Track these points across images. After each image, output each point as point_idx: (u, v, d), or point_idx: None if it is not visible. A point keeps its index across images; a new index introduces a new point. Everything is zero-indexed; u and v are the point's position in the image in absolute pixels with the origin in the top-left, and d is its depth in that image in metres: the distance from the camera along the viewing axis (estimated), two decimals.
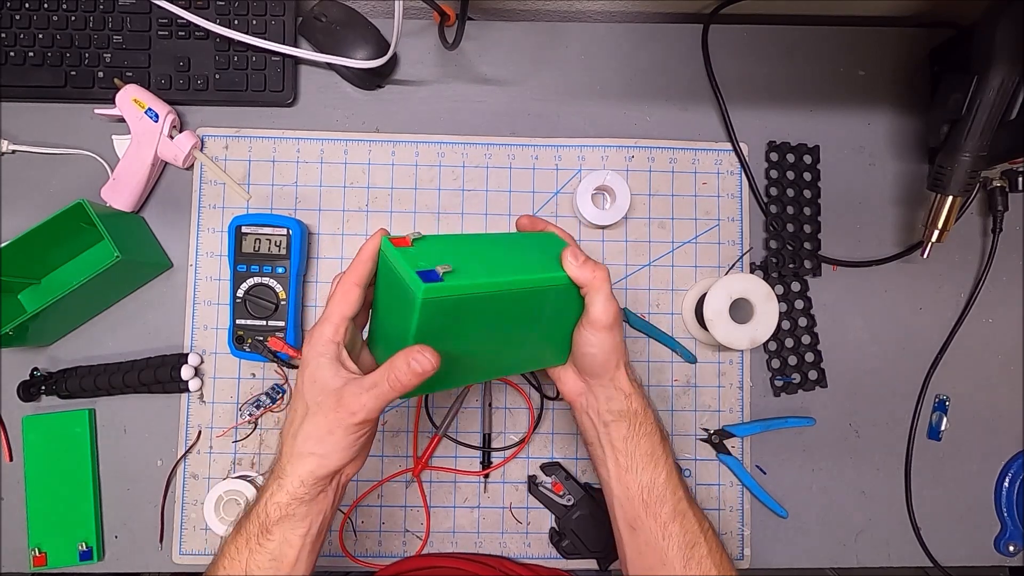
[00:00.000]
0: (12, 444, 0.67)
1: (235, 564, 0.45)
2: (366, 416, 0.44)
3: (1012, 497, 0.71)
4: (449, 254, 0.46)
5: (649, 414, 0.54)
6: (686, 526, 0.51)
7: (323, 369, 0.45)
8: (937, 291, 0.73)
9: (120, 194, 0.67)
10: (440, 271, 0.43)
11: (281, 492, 0.45)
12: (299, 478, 0.45)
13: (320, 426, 0.44)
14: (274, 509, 0.45)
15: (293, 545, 0.45)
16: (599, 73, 0.73)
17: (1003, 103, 0.61)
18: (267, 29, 0.69)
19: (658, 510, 0.52)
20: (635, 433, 0.53)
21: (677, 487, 0.53)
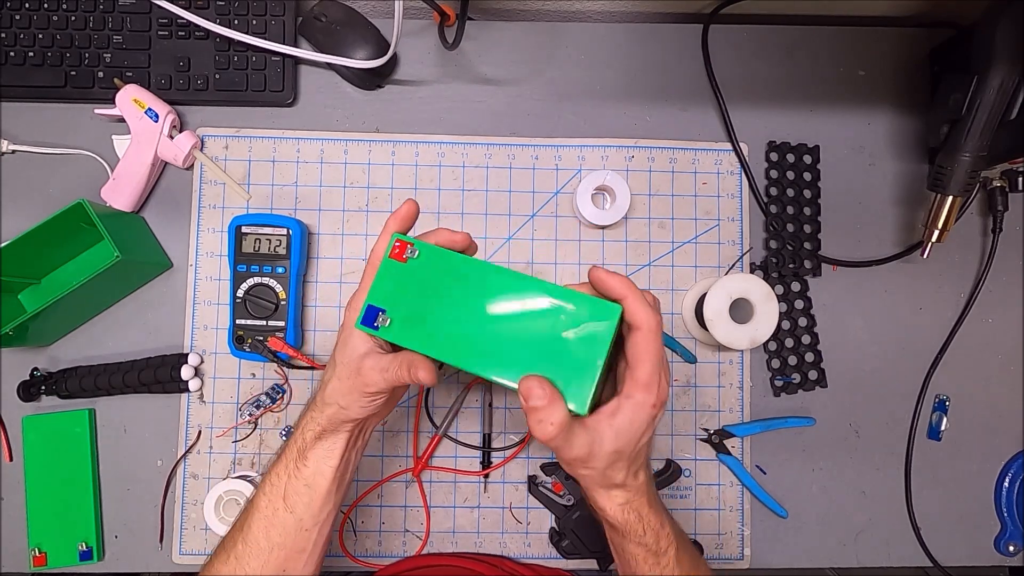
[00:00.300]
0: (12, 444, 0.67)
1: (275, 489, 0.49)
2: (377, 389, 0.47)
3: (1012, 497, 0.71)
4: (427, 291, 0.45)
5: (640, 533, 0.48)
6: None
7: (355, 336, 0.48)
8: (937, 291, 0.73)
9: (120, 194, 0.67)
10: (378, 324, 0.45)
11: (314, 424, 0.49)
12: (327, 416, 0.49)
13: (341, 387, 0.48)
14: (311, 433, 0.49)
15: (326, 476, 0.49)
16: (599, 73, 0.73)
17: (1003, 103, 0.61)
18: (267, 29, 0.69)
19: None
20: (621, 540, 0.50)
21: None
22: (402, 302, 0.45)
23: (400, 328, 0.45)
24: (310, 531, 0.50)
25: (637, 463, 0.46)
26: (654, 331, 0.42)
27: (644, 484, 0.47)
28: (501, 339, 0.43)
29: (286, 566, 0.49)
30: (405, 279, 0.46)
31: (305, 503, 0.49)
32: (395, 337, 0.45)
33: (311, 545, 0.50)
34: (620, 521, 0.47)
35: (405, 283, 0.46)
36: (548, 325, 0.43)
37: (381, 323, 0.45)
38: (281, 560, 0.49)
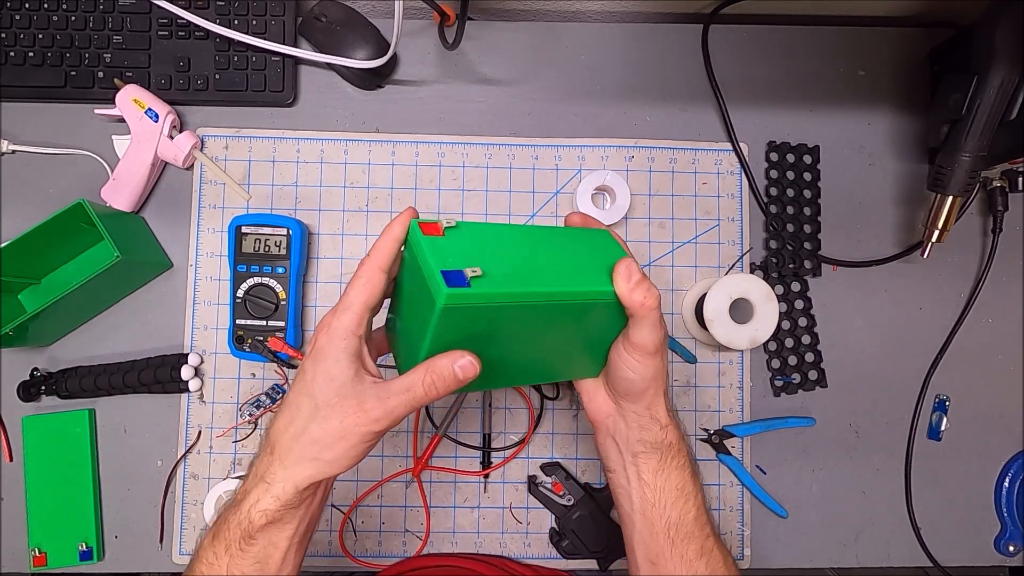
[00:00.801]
0: (12, 444, 0.67)
1: (214, 567, 0.42)
2: (390, 424, 0.40)
3: (1012, 497, 0.71)
4: (483, 250, 0.42)
5: (683, 447, 0.50)
6: (712, 564, 0.48)
7: (342, 366, 0.40)
8: (937, 291, 0.73)
9: (120, 194, 0.67)
10: (468, 275, 0.38)
11: (268, 498, 0.41)
12: (294, 484, 0.41)
13: (331, 431, 0.40)
14: (259, 516, 0.41)
15: (279, 547, 0.42)
16: (599, 73, 0.73)
17: (1003, 103, 0.61)
18: (267, 29, 0.69)
19: (684, 548, 0.48)
20: (666, 467, 0.49)
21: (705, 524, 0.49)
22: (468, 259, 0.40)
23: (495, 279, 0.39)
24: None
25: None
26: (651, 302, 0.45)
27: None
28: (567, 266, 0.45)
29: None
30: (454, 244, 0.41)
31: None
32: (498, 285, 0.39)
33: None
34: (674, 436, 0.49)
35: (456, 247, 0.41)
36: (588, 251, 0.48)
37: (474, 275, 0.38)
38: None
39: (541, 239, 0.47)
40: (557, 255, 0.46)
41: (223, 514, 0.43)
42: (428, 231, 0.41)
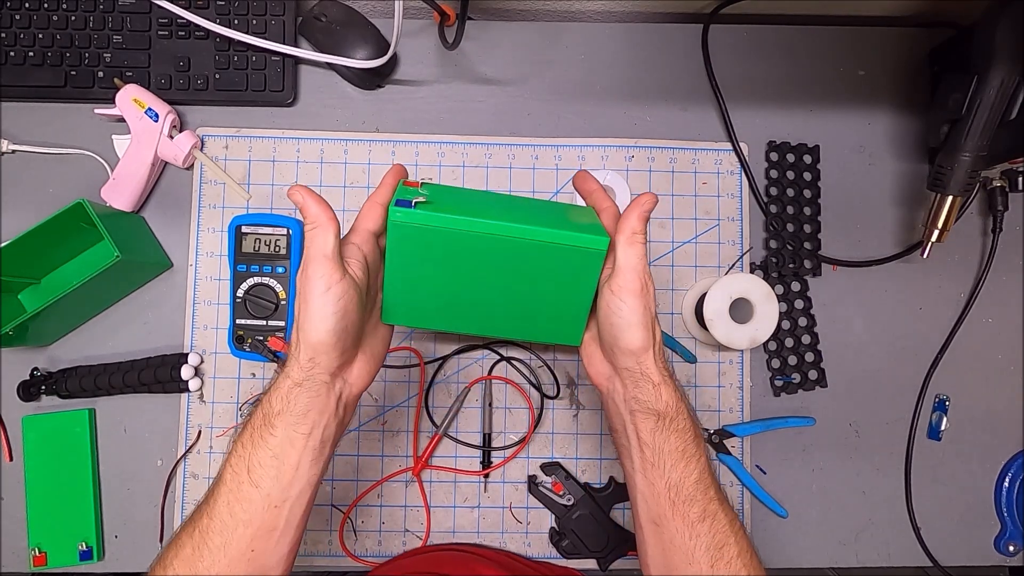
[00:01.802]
0: (12, 444, 0.67)
1: (240, 460, 0.45)
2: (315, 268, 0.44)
3: (1012, 497, 0.71)
4: (456, 201, 0.47)
5: (682, 408, 0.49)
6: (716, 527, 0.48)
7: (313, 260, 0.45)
8: (937, 291, 0.73)
9: (120, 194, 0.67)
10: (414, 201, 0.44)
11: (283, 379, 0.45)
12: (300, 360, 0.45)
13: (304, 301, 0.44)
14: (277, 399, 0.45)
15: (295, 445, 0.45)
16: (599, 73, 0.73)
17: (1003, 103, 0.61)
18: (267, 29, 0.69)
19: (687, 510, 0.48)
20: (665, 428, 0.49)
21: (709, 487, 0.49)
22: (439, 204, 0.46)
23: (437, 206, 0.45)
24: (279, 508, 0.45)
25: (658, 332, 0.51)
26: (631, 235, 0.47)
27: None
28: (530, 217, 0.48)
29: (254, 545, 0.44)
30: (427, 193, 0.47)
31: (272, 476, 0.44)
32: (442, 213, 0.45)
33: (283, 524, 0.45)
34: (668, 395, 0.49)
35: (429, 195, 0.46)
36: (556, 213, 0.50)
37: (419, 202, 0.45)
38: (247, 538, 0.44)
39: (519, 203, 0.51)
40: (526, 212, 0.50)
41: (247, 414, 0.47)
42: (408, 184, 0.48)
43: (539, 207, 0.52)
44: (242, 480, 0.44)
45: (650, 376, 0.49)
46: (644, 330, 0.48)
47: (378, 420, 0.69)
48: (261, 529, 0.44)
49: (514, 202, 0.52)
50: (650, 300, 0.49)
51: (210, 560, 0.43)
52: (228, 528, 0.44)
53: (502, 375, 0.70)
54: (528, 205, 0.52)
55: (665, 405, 0.49)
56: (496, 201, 0.50)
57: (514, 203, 0.51)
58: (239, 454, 0.45)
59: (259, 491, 0.44)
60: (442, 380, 0.70)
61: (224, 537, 0.44)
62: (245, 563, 0.44)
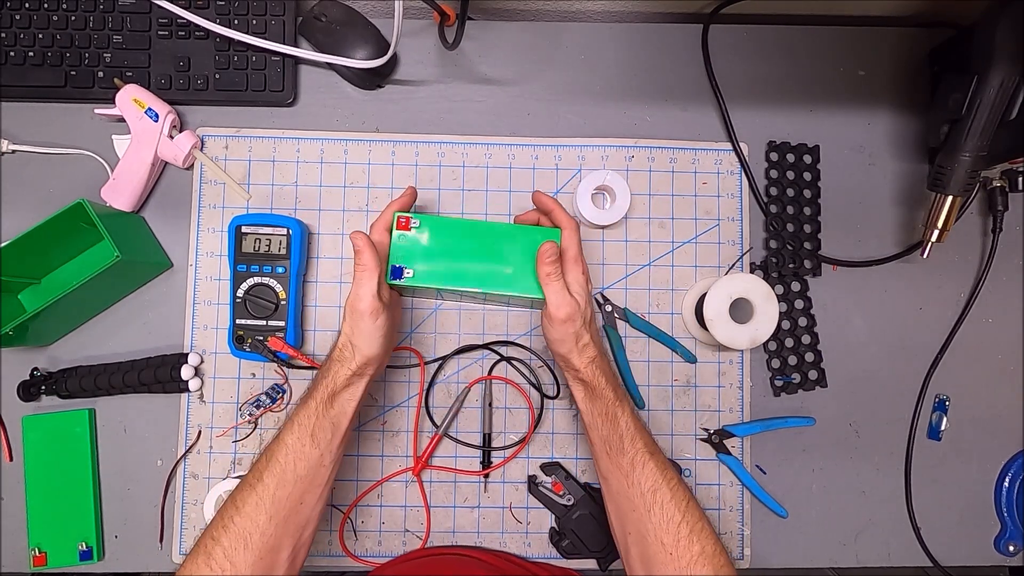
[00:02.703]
0: (12, 444, 0.67)
1: (303, 427, 0.54)
2: (366, 305, 0.55)
3: (1012, 497, 0.71)
4: (442, 244, 0.61)
5: (601, 381, 0.58)
6: (646, 473, 0.55)
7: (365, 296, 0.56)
8: (937, 291, 0.73)
9: (120, 194, 0.67)
10: (405, 275, 0.60)
11: (345, 368, 0.56)
12: (355, 362, 0.56)
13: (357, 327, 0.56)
14: (342, 379, 0.56)
15: (347, 415, 0.56)
16: (599, 73, 0.73)
17: (1003, 103, 0.61)
18: (267, 29, 0.69)
19: (619, 460, 0.57)
20: (590, 395, 0.58)
21: (635, 439, 0.57)
22: (416, 258, 0.61)
23: (420, 276, 0.61)
24: (327, 467, 0.55)
25: (593, 327, 0.60)
26: (574, 229, 0.59)
27: (603, 351, 0.60)
28: (493, 264, 0.61)
29: (304, 498, 0.54)
30: (412, 241, 0.61)
31: (328, 439, 0.55)
32: (418, 281, 0.61)
33: (325, 480, 0.55)
34: (589, 376, 0.58)
35: (414, 244, 0.61)
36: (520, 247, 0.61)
37: (406, 276, 0.60)
38: (301, 491, 0.54)
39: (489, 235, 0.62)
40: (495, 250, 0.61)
41: (306, 393, 0.57)
42: (400, 227, 0.61)
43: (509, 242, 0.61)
44: (305, 443, 0.54)
45: (573, 366, 0.58)
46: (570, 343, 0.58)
47: (378, 420, 0.69)
48: (312, 484, 0.54)
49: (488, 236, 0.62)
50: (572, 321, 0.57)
51: (273, 509, 0.52)
52: (289, 483, 0.53)
53: (502, 375, 0.70)
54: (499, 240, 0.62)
55: (586, 382, 0.58)
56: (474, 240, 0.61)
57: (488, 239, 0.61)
58: (302, 422, 0.55)
59: (317, 450, 0.54)
60: (442, 380, 0.70)
61: (286, 490, 0.53)
62: (295, 513, 0.53)
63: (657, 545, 0.53)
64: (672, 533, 0.53)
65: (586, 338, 0.58)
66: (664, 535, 0.53)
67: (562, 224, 0.60)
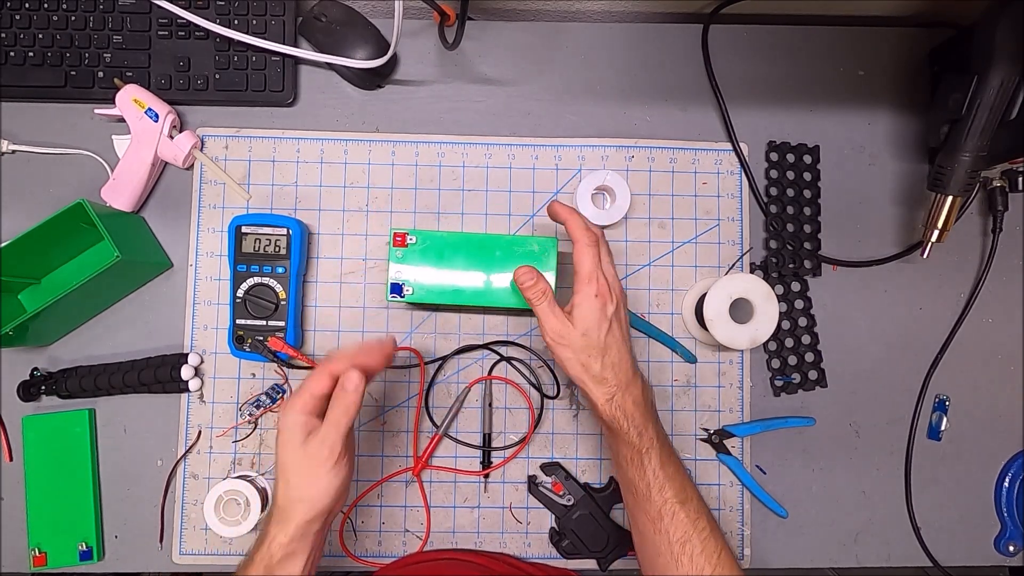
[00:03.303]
0: (12, 444, 0.67)
1: None
2: (331, 449, 0.49)
3: (1012, 497, 0.71)
4: (438, 255, 0.62)
5: (623, 424, 0.55)
6: (676, 523, 0.53)
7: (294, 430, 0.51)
8: (937, 291, 0.73)
9: (120, 194, 0.67)
10: (405, 292, 0.62)
11: (282, 534, 0.50)
12: (294, 523, 0.50)
13: (302, 474, 0.50)
14: (277, 549, 0.50)
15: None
16: (599, 73, 0.73)
17: (1003, 103, 0.61)
18: (267, 29, 0.69)
19: (646, 507, 0.55)
20: (611, 436, 0.57)
21: (664, 488, 0.54)
22: (415, 274, 0.62)
23: (419, 293, 0.62)
24: None
25: (610, 357, 0.55)
26: (588, 244, 0.56)
27: (628, 386, 0.56)
28: (491, 276, 0.62)
29: None
30: (410, 256, 0.62)
31: None
32: (417, 298, 0.62)
33: None
34: (608, 415, 0.55)
35: (412, 260, 0.62)
36: (515, 260, 0.62)
37: (406, 293, 0.61)
38: None
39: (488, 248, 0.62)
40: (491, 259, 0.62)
41: (250, 553, 0.52)
42: (396, 244, 0.62)
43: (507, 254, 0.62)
44: None
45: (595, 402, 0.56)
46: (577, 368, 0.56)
47: (378, 420, 0.69)
48: None
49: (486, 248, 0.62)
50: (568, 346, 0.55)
51: None
52: None
53: (502, 375, 0.70)
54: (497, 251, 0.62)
55: (604, 413, 0.55)
56: (471, 253, 0.62)
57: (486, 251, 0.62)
58: None
59: None
60: (442, 380, 0.70)
61: None
62: None
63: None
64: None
65: (596, 369, 0.55)
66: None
67: (573, 237, 0.57)
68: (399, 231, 0.62)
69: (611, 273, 0.58)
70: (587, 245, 0.56)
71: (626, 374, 0.56)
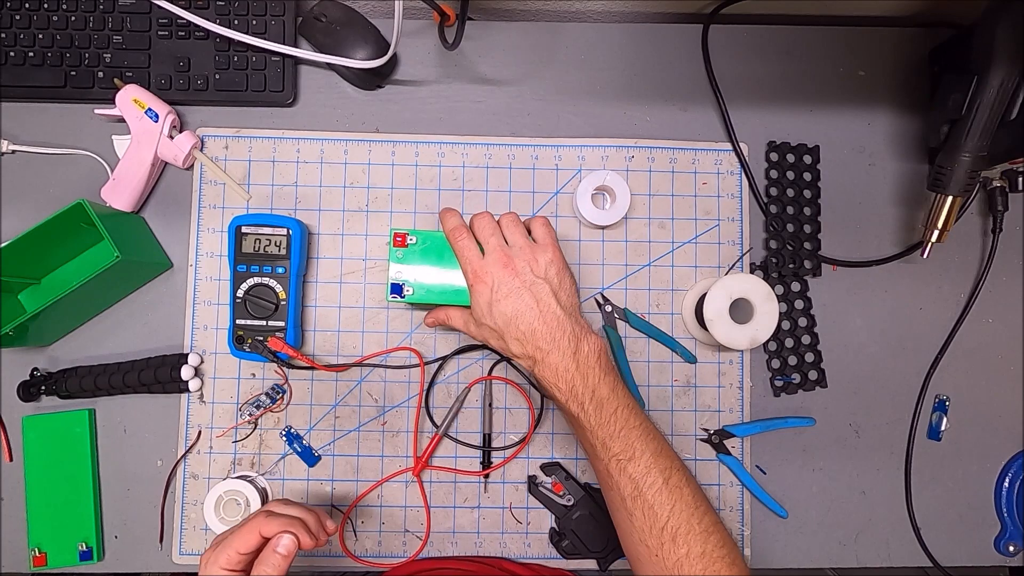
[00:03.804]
0: (12, 444, 0.67)
1: None
2: None
3: (1012, 497, 0.71)
4: (435, 260, 0.63)
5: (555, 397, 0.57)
6: (624, 480, 0.55)
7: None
8: (937, 291, 0.73)
9: (120, 194, 0.67)
10: (405, 293, 0.63)
11: None
12: None
13: None
14: None
15: None
16: (599, 73, 0.73)
17: (1003, 103, 0.61)
18: (267, 29, 0.69)
19: (597, 466, 0.58)
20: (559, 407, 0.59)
21: (607, 446, 0.55)
22: (414, 275, 0.63)
23: (419, 293, 0.63)
24: None
25: (513, 331, 0.56)
26: (449, 236, 0.61)
27: (547, 353, 0.55)
28: None
29: None
30: (410, 257, 0.63)
31: None
32: (417, 298, 0.63)
33: None
34: (541, 387, 0.59)
35: (411, 261, 0.63)
36: None
37: (407, 293, 0.62)
38: None
39: None
40: None
41: None
42: (396, 244, 0.63)
43: None
44: None
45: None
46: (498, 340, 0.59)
47: (378, 420, 0.69)
48: None
49: None
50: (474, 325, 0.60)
51: None
52: None
53: (502, 375, 0.70)
54: None
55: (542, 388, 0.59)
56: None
57: None
58: None
59: None
60: (442, 380, 0.70)
61: None
62: None
63: (642, 547, 0.55)
64: (655, 537, 0.54)
65: (508, 347, 0.58)
66: (649, 539, 0.54)
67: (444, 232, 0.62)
68: (399, 231, 0.63)
69: (499, 244, 0.59)
70: (454, 239, 0.61)
71: (539, 344, 0.56)
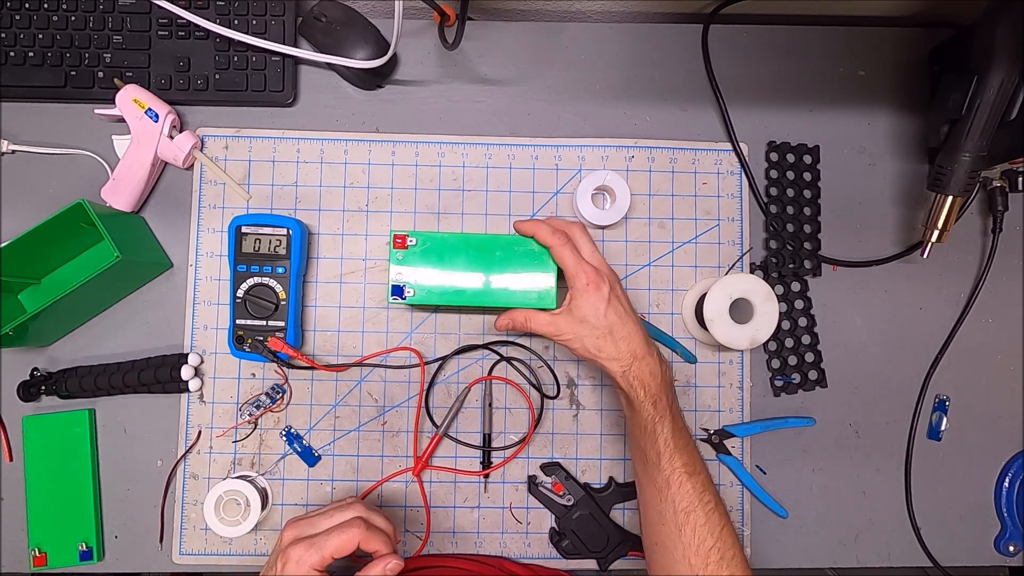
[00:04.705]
0: (12, 444, 0.67)
1: None
2: None
3: (1012, 497, 0.71)
4: (438, 256, 0.62)
5: (639, 393, 0.57)
6: (681, 494, 0.55)
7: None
8: (937, 291, 0.73)
9: (120, 194, 0.67)
10: (406, 294, 0.62)
11: None
12: None
13: None
14: None
15: None
16: (599, 73, 0.73)
17: (1003, 103, 0.60)
18: (267, 29, 0.69)
19: (654, 475, 0.57)
20: (628, 406, 0.59)
21: (674, 458, 0.56)
22: (416, 276, 0.62)
23: (420, 295, 0.62)
24: None
25: (619, 333, 0.57)
26: (561, 244, 0.59)
27: (643, 357, 0.58)
28: (492, 276, 0.62)
29: None
30: (410, 258, 0.62)
31: None
32: (419, 300, 0.62)
33: None
34: (625, 385, 0.57)
35: (412, 262, 0.62)
36: (516, 259, 0.62)
37: (407, 295, 0.62)
38: None
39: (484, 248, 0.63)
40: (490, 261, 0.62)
41: None
42: (396, 245, 0.62)
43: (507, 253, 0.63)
44: None
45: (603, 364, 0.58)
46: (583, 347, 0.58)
47: (378, 420, 0.69)
48: None
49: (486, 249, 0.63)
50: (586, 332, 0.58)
51: None
52: None
53: (502, 375, 0.70)
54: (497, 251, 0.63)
55: (623, 384, 0.57)
56: (471, 253, 0.62)
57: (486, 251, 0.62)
58: None
59: None
60: (442, 380, 0.70)
61: None
62: None
63: (684, 564, 0.54)
64: (702, 556, 0.54)
65: (609, 348, 0.57)
66: (693, 557, 0.54)
67: (547, 244, 0.59)
68: (399, 233, 0.62)
69: (596, 259, 0.60)
70: (561, 246, 0.59)
71: (639, 346, 0.58)
